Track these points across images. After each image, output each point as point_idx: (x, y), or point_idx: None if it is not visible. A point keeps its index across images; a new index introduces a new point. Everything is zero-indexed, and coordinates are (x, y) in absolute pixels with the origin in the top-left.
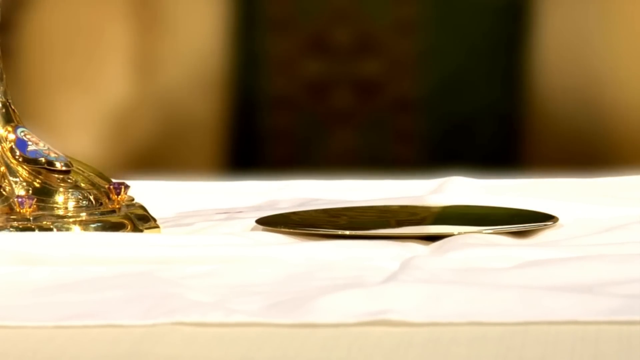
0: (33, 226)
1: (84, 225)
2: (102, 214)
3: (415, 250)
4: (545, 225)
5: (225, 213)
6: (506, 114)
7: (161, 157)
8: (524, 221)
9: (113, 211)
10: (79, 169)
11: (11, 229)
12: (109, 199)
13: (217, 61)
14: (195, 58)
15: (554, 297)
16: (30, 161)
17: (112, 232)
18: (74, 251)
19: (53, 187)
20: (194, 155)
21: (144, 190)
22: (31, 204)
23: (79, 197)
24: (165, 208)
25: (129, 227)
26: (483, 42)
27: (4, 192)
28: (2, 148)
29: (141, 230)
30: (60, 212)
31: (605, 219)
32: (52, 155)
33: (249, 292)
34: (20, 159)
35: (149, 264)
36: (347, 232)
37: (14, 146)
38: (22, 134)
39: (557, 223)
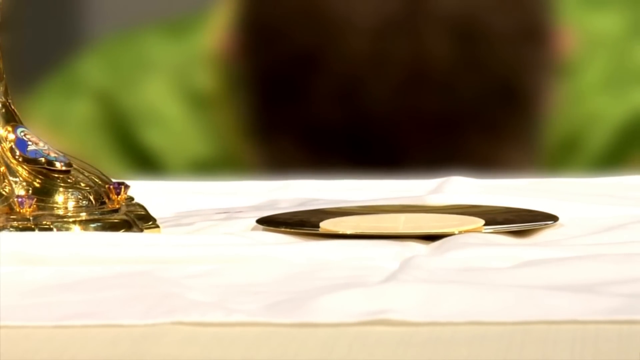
0: (33, 226)
1: (84, 225)
2: (102, 214)
3: (415, 249)
4: (545, 225)
5: (225, 213)
6: None
7: None
8: (524, 221)
9: (113, 211)
10: (79, 169)
11: (11, 229)
12: (109, 199)
13: None
14: None
15: (553, 296)
16: (30, 161)
17: (112, 232)
18: (74, 251)
19: (53, 187)
20: None
21: (144, 190)
22: (31, 204)
23: (79, 197)
24: (165, 208)
25: (129, 227)
26: None
27: (4, 192)
28: (2, 148)
29: (141, 230)
30: (60, 212)
31: (605, 219)
32: (52, 155)
33: (249, 292)
34: (20, 159)
35: (149, 264)
36: (348, 232)
37: (13, 146)
38: (22, 133)
39: (557, 223)
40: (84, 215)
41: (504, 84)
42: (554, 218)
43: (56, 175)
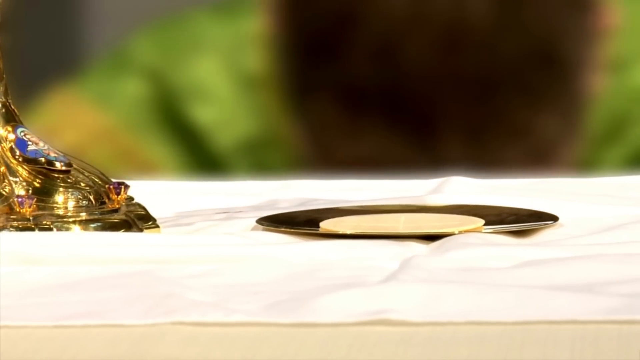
0: (33, 226)
1: (84, 225)
2: (102, 214)
3: (415, 249)
4: (545, 225)
5: (225, 213)
6: None
7: None
8: (524, 221)
9: (113, 211)
10: (79, 169)
11: (11, 229)
12: (109, 199)
13: None
14: None
15: (553, 296)
16: (30, 161)
17: (112, 232)
18: (74, 251)
19: (53, 187)
20: None
21: (144, 190)
22: (31, 204)
23: (79, 197)
24: (165, 208)
25: (129, 227)
26: None
27: (4, 192)
28: (2, 148)
29: (141, 230)
30: (60, 212)
31: (605, 219)
32: (52, 155)
33: (249, 292)
34: (20, 159)
35: (149, 264)
36: (348, 232)
37: (14, 146)
38: (22, 133)
39: (557, 223)
40: (84, 215)
41: (543, 48)
42: (554, 218)
43: (56, 175)
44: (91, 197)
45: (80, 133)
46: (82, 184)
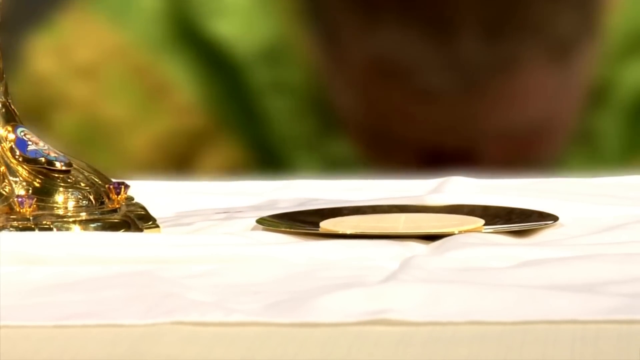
0: (33, 226)
1: (84, 225)
2: (102, 213)
3: (415, 249)
4: (545, 225)
5: (225, 213)
6: None
7: None
8: (524, 221)
9: (113, 211)
10: (79, 169)
11: (11, 229)
12: (109, 198)
13: None
14: None
15: (553, 296)
16: (30, 161)
17: (112, 232)
18: (74, 251)
19: (53, 187)
20: None
21: (144, 190)
22: (31, 204)
23: (79, 197)
24: (165, 208)
25: (129, 227)
26: None
27: (4, 192)
28: (2, 148)
29: (141, 230)
30: (60, 212)
31: (605, 219)
32: (52, 155)
33: (249, 291)
34: (20, 159)
35: (149, 264)
36: (348, 232)
37: (14, 146)
38: (22, 133)
39: (557, 223)
40: (84, 215)
41: None
42: (554, 218)
43: (56, 175)
44: (91, 197)
45: (94, 51)
46: (82, 184)
